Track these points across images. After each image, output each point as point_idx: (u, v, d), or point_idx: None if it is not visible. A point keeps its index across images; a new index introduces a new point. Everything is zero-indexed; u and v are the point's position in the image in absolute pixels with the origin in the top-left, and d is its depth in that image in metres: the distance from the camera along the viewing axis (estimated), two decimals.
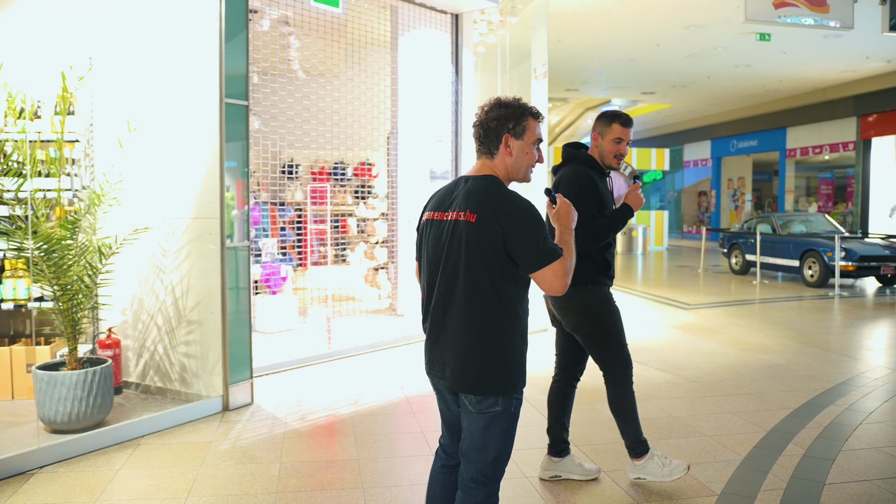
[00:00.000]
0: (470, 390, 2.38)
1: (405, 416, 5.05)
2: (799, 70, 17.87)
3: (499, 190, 2.40)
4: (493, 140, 2.47)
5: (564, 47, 15.27)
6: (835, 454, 4.26)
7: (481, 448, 2.41)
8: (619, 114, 3.77)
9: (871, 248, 12.19)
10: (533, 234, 2.31)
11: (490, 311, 2.36)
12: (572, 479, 3.93)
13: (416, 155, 8.75)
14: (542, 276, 2.33)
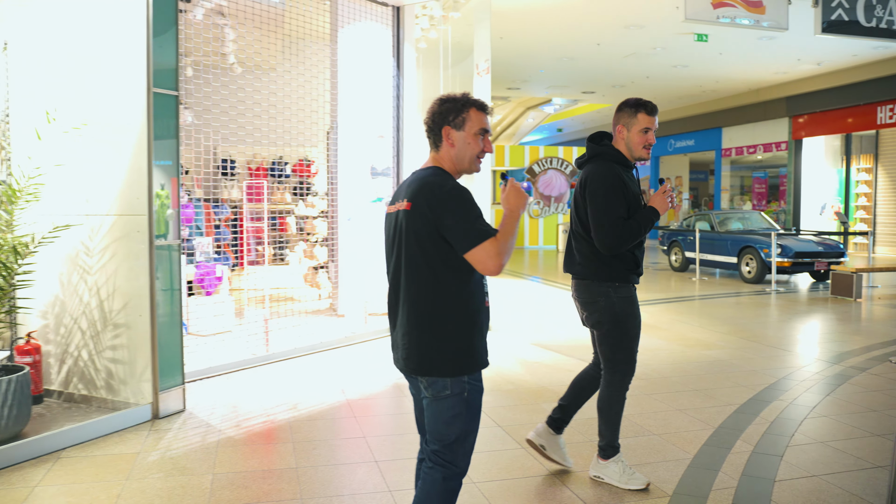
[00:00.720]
0: (416, 371, 2.49)
1: (347, 421, 4.85)
2: (734, 71, 18.24)
3: (433, 177, 2.49)
4: (436, 133, 2.58)
5: (506, 46, 15.23)
6: (783, 450, 4.24)
7: (439, 430, 2.49)
8: (643, 102, 3.61)
9: (806, 245, 12.47)
10: (462, 215, 2.39)
11: (431, 296, 2.46)
12: (553, 458, 3.93)
13: (356, 151, 8.53)
14: (474, 256, 2.38)
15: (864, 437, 4.48)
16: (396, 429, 4.74)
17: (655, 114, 3.62)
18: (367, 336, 7.71)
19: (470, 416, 2.50)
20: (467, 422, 2.49)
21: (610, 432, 3.75)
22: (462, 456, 2.52)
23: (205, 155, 7.25)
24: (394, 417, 5.03)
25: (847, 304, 10.24)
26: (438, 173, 2.52)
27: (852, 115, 18.95)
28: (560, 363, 6.51)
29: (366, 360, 6.70)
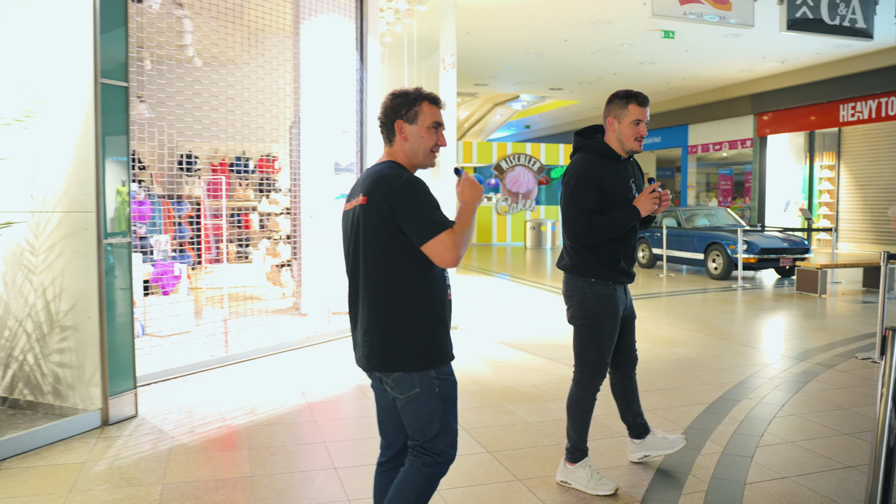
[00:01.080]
0: (379, 368, 2.47)
1: (306, 426, 4.68)
2: (700, 68, 18.32)
3: (388, 171, 2.47)
4: (389, 128, 2.57)
5: (473, 41, 15.10)
6: (752, 451, 4.16)
7: (420, 429, 2.49)
8: (633, 93, 3.51)
9: (772, 241, 12.54)
10: (418, 207, 2.38)
11: (390, 290, 2.44)
12: (661, 454, 3.91)
13: (319, 147, 8.34)
14: (431, 248, 2.37)
15: (833, 437, 4.42)
16: (358, 433, 4.58)
17: (647, 105, 3.52)
18: (331, 335, 7.53)
19: (447, 409, 2.51)
20: (446, 416, 2.50)
21: (577, 434, 3.66)
22: (446, 446, 2.52)
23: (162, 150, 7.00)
24: (356, 421, 4.87)
25: (812, 300, 10.29)
26: (393, 166, 2.51)
27: (816, 113, 19.16)
28: (527, 362, 6.40)
29: (328, 361, 6.52)
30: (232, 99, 7.46)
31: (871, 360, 6.48)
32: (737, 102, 21.25)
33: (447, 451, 2.53)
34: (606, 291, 3.55)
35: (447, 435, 2.51)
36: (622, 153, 3.56)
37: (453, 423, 2.54)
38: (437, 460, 2.51)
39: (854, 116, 18.12)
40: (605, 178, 3.47)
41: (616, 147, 3.56)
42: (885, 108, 17.30)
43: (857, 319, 8.71)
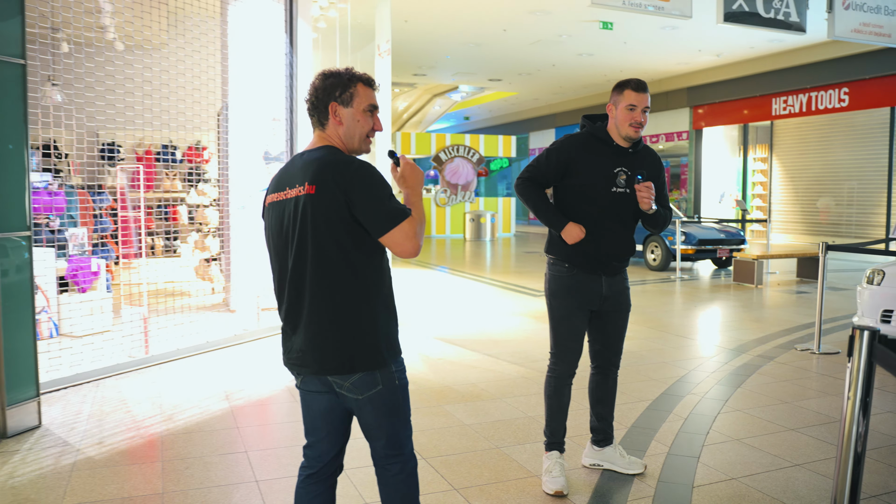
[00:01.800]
0: (338, 371, 2.26)
1: (227, 434, 4.33)
2: (638, 61, 18.38)
3: (335, 156, 2.28)
4: (321, 110, 2.37)
5: (411, 29, 14.77)
6: (699, 450, 3.99)
7: (379, 427, 2.36)
8: (630, 79, 3.43)
9: (709, 233, 12.61)
10: (377, 195, 2.21)
11: (346, 286, 2.25)
12: (614, 469, 3.70)
13: (248, 135, 7.93)
14: (391, 238, 2.22)
15: (778, 433, 4.30)
16: (284, 440, 4.25)
17: (643, 91, 3.41)
18: (260, 333, 7.16)
19: (404, 398, 2.40)
20: (404, 405, 2.40)
21: (546, 419, 3.65)
22: (407, 438, 2.43)
23: (82, 138, 6.51)
24: (282, 427, 4.53)
25: (749, 291, 10.34)
26: (336, 151, 2.31)
27: (749, 107, 19.46)
28: (465, 359, 6.16)
29: (256, 361, 6.16)
30: (150, 82, 6.98)
31: (810, 350, 6.44)
32: (673, 95, 21.45)
33: (410, 443, 2.44)
34: (560, 273, 3.49)
35: (406, 426, 2.42)
36: (621, 141, 3.46)
37: (410, 412, 2.44)
38: (404, 457, 2.41)
39: (786, 110, 18.45)
40: (581, 160, 3.43)
41: (614, 134, 3.47)
42: (815, 102, 17.66)
43: (794, 310, 8.75)
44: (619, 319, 3.61)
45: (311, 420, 2.45)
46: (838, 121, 17.99)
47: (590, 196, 3.42)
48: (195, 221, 10.55)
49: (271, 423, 4.61)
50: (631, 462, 3.68)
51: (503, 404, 4.88)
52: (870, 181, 17.25)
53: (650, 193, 3.36)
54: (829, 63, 16.91)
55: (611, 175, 3.43)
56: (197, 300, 8.78)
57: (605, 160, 3.44)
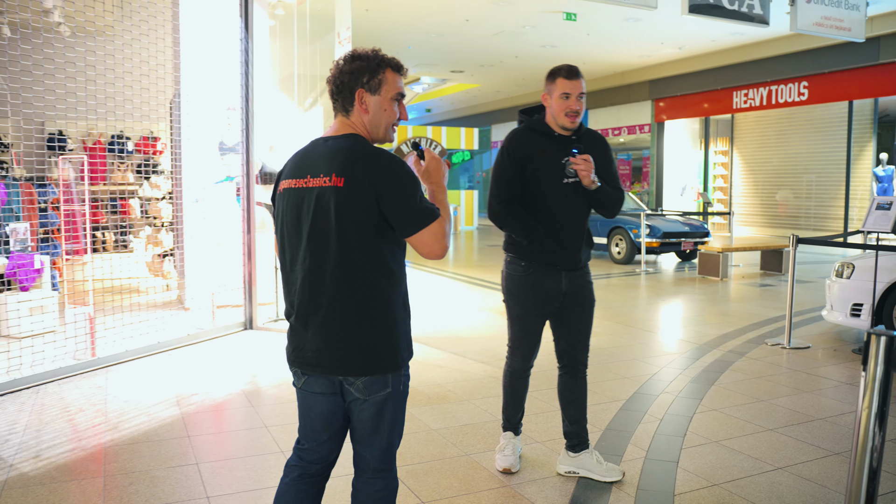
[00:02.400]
0: (357, 372, 2.13)
1: (177, 444, 4.02)
2: (600, 53, 18.30)
3: (366, 148, 2.14)
4: (346, 96, 2.22)
5: (372, 18, 14.45)
6: (677, 454, 3.81)
7: (376, 433, 2.21)
8: (561, 66, 3.32)
9: (673, 225, 12.55)
10: (409, 193, 2.08)
11: (369, 282, 2.12)
12: (591, 477, 3.50)
13: (202, 125, 7.58)
14: (420, 239, 2.10)
15: (757, 433, 4.14)
16: (238, 450, 3.97)
17: (576, 77, 3.29)
18: (216, 332, 6.83)
19: (404, 407, 2.29)
20: (403, 414, 2.28)
21: (503, 408, 3.68)
22: (396, 451, 2.30)
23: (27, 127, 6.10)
24: (237, 436, 4.24)
25: (714, 284, 10.28)
26: (364, 142, 2.18)
27: (711, 100, 19.53)
28: (430, 358, 5.92)
29: (211, 362, 5.85)
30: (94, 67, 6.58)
31: (781, 345, 6.34)
32: (635, 88, 21.45)
33: (395, 458, 2.30)
34: (516, 272, 3.42)
35: (399, 437, 2.29)
36: (561, 130, 3.37)
37: (403, 425, 2.31)
38: (390, 472, 2.27)
39: (747, 103, 18.54)
40: (532, 156, 3.35)
41: (553, 125, 3.39)
42: (776, 96, 17.77)
43: (760, 303, 8.69)
44: (583, 315, 3.50)
45: (310, 423, 2.30)
46: (797, 114, 18.12)
47: (542, 190, 3.34)
48: (148, 215, 10.14)
49: (225, 431, 4.32)
50: (609, 469, 3.50)
51: (471, 406, 4.66)
52: (828, 174, 17.41)
53: (588, 166, 3.24)
54: (790, 57, 17.02)
55: (560, 166, 3.34)
56: (150, 298, 8.40)
57: (551, 152, 3.35)
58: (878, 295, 6.11)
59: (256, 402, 4.78)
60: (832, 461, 3.72)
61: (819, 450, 3.88)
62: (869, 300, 6.16)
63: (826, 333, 6.92)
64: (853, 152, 16.73)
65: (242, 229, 7.29)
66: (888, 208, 6.10)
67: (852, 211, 16.84)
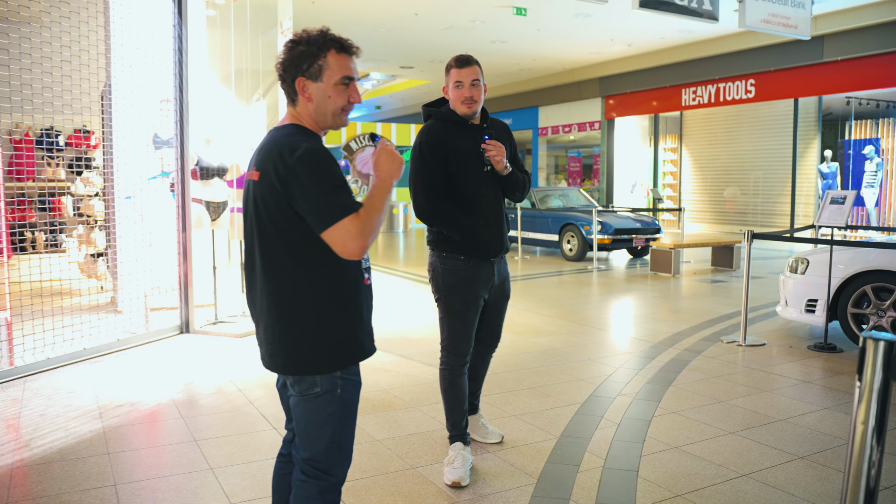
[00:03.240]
0: (282, 370, 2.12)
1: (94, 463, 3.65)
2: (551, 49, 18.19)
3: (286, 139, 2.05)
4: (290, 85, 2.14)
5: (318, 10, 14.06)
6: (636, 462, 3.60)
7: (307, 435, 2.14)
8: (455, 56, 3.33)
9: (625, 222, 12.45)
10: (320, 187, 1.98)
11: (290, 281, 2.08)
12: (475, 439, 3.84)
13: (135, 118, 7.13)
14: (331, 236, 1.99)
15: (718, 437, 3.96)
16: (163, 468, 3.62)
17: (467, 65, 3.31)
18: (149, 337, 6.43)
19: (345, 415, 2.15)
20: (342, 422, 2.14)
21: (447, 414, 3.55)
22: (338, 462, 2.16)
23: None
24: (162, 452, 3.88)
25: (666, 281, 10.19)
26: (293, 133, 2.10)
27: (660, 97, 19.59)
28: (377, 362, 5.62)
29: (141, 370, 5.46)
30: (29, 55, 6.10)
31: (737, 342, 6.21)
32: (585, 85, 21.42)
33: (339, 468, 2.16)
34: (456, 266, 3.40)
35: (342, 446, 2.16)
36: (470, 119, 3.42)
37: (350, 433, 2.19)
38: (331, 482, 2.15)
39: (695, 101, 18.64)
40: (452, 148, 3.34)
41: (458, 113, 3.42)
42: (724, 93, 17.88)
43: (713, 299, 8.60)
44: (503, 307, 3.65)
45: (286, 408, 2.35)
46: (744, 112, 18.29)
47: (469, 181, 3.35)
48: (83, 213, 9.62)
49: (150, 446, 3.95)
50: (490, 432, 3.87)
51: (418, 414, 4.38)
52: (775, 171, 17.60)
53: (500, 151, 3.30)
54: (737, 55, 17.14)
55: (479, 155, 3.37)
56: (80, 300, 7.91)
57: (467, 140, 3.37)
58: (832, 290, 6.03)
59: (188, 413, 4.42)
60: (797, 466, 3.55)
61: (782, 454, 3.71)
62: (824, 296, 6.07)
63: (780, 330, 6.83)
64: (798, 150, 16.94)
65: (177, 227, 6.88)
66: (842, 203, 6.02)
67: (798, 207, 17.05)
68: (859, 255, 6.00)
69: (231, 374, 5.28)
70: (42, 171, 10.87)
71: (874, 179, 15.83)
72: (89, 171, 9.70)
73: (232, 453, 3.74)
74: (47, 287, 7.02)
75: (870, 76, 14.88)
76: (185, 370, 5.46)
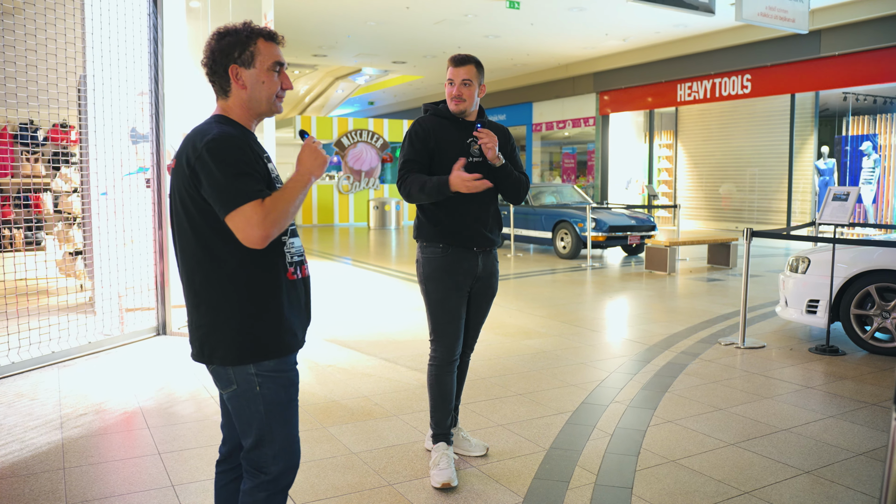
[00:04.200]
0: (197, 358, 2.13)
1: (47, 479, 3.39)
2: (544, 44, 17.94)
3: (202, 127, 2.07)
4: (221, 75, 2.12)
5: (308, 4, 13.77)
6: (631, 479, 3.35)
7: (241, 431, 2.14)
8: (454, 55, 3.34)
9: (620, 219, 12.21)
10: (222, 173, 1.95)
11: (202, 269, 2.07)
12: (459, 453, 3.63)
13: (112, 111, 6.85)
14: (232, 221, 1.95)
15: (718, 449, 3.71)
16: (120, 484, 3.35)
17: (462, 64, 3.33)
18: (124, 339, 6.17)
19: (272, 414, 2.09)
20: (269, 423, 2.09)
21: (431, 412, 3.46)
22: (272, 462, 2.10)
23: None
24: (122, 466, 3.61)
25: (662, 279, 9.95)
26: (211, 122, 2.10)
27: (655, 93, 19.37)
28: (359, 366, 5.37)
29: (112, 375, 5.19)
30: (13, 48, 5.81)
31: (735, 345, 5.98)
32: (580, 80, 21.18)
33: (273, 466, 2.10)
34: (434, 254, 3.38)
35: (271, 446, 2.09)
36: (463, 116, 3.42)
37: (281, 431, 2.11)
38: (264, 479, 2.10)
39: (691, 96, 18.42)
40: (436, 138, 3.36)
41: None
42: (719, 89, 17.67)
43: (710, 299, 8.36)
44: (486, 304, 3.56)
45: (222, 405, 2.30)
46: (740, 108, 18.06)
47: (449, 169, 3.25)
48: (61, 210, 9.34)
49: (110, 460, 3.68)
50: (474, 445, 3.66)
51: (398, 423, 4.13)
52: (771, 168, 17.38)
53: (492, 139, 3.23)
54: (733, 50, 16.91)
55: (465, 146, 3.37)
56: (55, 300, 7.63)
57: (455, 134, 3.39)
58: (834, 291, 5.79)
59: (155, 422, 4.16)
60: (803, 482, 3.31)
61: (786, 468, 3.47)
62: (826, 296, 5.83)
63: (780, 331, 6.60)
64: (795, 146, 16.71)
65: (153, 225, 6.61)
66: (845, 199, 5.78)
67: (795, 204, 16.84)
68: (862, 253, 5.76)
69: (205, 379, 5.02)
70: (21, 167, 10.58)
71: (871, 176, 15.61)
72: (67, 166, 9.41)
73: (196, 468, 3.48)
74: (23, 287, 6.75)
75: (868, 71, 14.67)
76: (157, 375, 5.20)
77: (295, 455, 2.16)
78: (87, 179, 7.07)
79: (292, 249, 2.14)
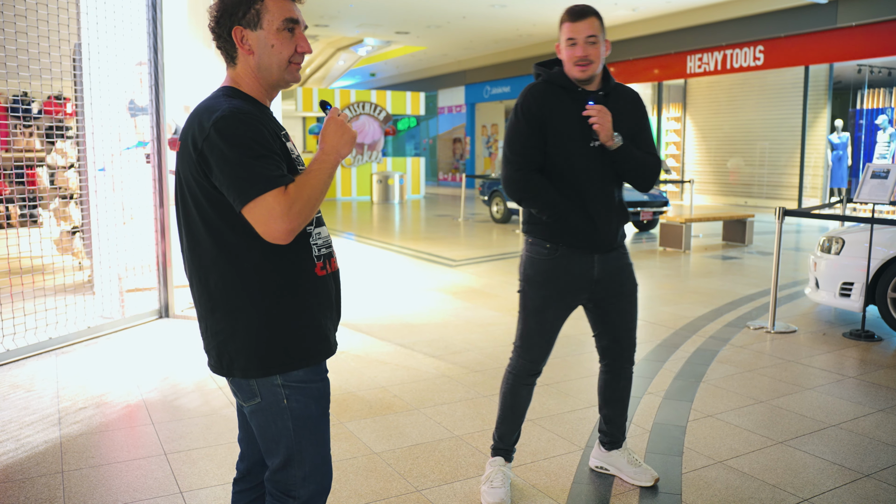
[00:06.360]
0: (216, 370, 1.84)
1: (44, 484, 3.12)
2: (551, 14, 17.48)
3: (209, 102, 1.74)
4: (226, 40, 1.79)
5: None
6: (678, 483, 3.09)
7: (265, 450, 1.86)
8: (568, 8, 2.76)
9: (631, 194, 11.88)
10: (235, 154, 1.63)
11: (216, 270, 1.75)
12: (620, 477, 3.12)
13: (110, 81, 6.51)
14: (252, 213, 1.64)
15: (766, 448, 3.45)
16: (124, 492, 3.08)
17: (582, 18, 2.72)
18: (124, 323, 5.91)
19: (301, 431, 1.82)
20: (298, 440, 1.82)
21: (497, 421, 3.04)
22: (301, 484, 1.84)
23: None
24: (126, 468, 3.35)
25: (677, 257, 9.67)
26: (220, 95, 1.78)
27: (664, 64, 18.95)
28: (373, 352, 5.11)
29: (113, 362, 4.92)
30: None
31: (765, 329, 5.71)
32: None
33: (303, 489, 1.84)
34: (539, 254, 2.87)
35: (301, 467, 1.83)
36: (583, 85, 2.82)
37: (312, 449, 1.84)
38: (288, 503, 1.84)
39: (701, 68, 18.01)
40: (552, 115, 2.77)
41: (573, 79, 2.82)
42: (731, 60, 17.25)
43: (730, 278, 8.08)
44: (624, 304, 3.01)
45: (239, 416, 2.04)
46: (751, 80, 17.65)
47: (567, 155, 2.77)
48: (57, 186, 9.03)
49: (112, 462, 3.42)
50: (639, 472, 3.08)
51: (422, 418, 3.86)
52: (782, 141, 17.01)
53: (603, 117, 2.69)
54: (745, 20, 16.48)
55: (587, 127, 2.75)
56: (55, 280, 7.34)
57: (574, 109, 2.77)
58: (871, 273, 5.51)
59: (160, 417, 3.90)
60: (865, 487, 3.05)
61: (845, 471, 3.21)
62: (861, 279, 5.55)
63: (809, 314, 6.33)
64: (808, 119, 16.34)
65: (154, 202, 6.31)
66: (885, 177, 5.47)
67: (806, 179, 16.51)
68: None
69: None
70: (16, 141, 10.23)
71: (887, 150, 15.27)
72: (63, 140, 9.08)
73: (205, 471, 3.22)
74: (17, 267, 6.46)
75: (885, 42, 14.25)
76: (160, 363, 4.93)
77: (327, 477, 1.89)
78: (84, 154, 6.75)
79: (319, 241, 1.85)
